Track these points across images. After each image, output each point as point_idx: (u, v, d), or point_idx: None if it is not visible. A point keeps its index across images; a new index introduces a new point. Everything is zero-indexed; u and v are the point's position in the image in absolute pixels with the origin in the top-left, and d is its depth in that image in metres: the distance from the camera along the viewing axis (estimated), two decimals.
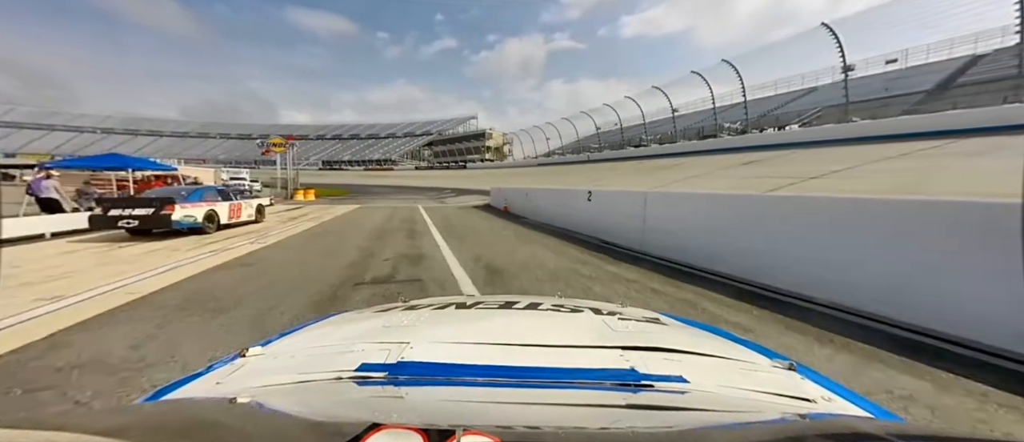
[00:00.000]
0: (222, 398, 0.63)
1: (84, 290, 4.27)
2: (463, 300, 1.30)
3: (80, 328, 3.18)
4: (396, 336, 0.86)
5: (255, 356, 0.85)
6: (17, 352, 2.71)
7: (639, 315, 1.13)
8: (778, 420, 0.57)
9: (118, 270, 5.30)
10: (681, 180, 14.54)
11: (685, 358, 0.79)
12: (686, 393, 0.66)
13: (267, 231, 9.69)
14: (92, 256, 6.43)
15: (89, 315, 3.47)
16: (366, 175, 62.77)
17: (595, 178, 20.82)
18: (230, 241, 8.04)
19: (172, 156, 65.09)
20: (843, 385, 0.77)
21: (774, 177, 10.85)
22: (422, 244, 7.71)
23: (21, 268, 5.36)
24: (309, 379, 0.70)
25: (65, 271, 5.24)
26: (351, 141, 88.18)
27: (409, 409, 0.61)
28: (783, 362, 0.81)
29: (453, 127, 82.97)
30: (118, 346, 2.80)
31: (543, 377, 0.69)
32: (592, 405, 0.61)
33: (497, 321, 1.08)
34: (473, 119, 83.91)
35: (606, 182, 17.50)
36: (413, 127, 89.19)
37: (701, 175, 15.15)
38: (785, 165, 13.58)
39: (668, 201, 6.94)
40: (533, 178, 28.83)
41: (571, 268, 5.75)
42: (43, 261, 5.93)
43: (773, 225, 4.47)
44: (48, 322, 3.28)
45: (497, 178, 32.09)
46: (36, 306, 3.67)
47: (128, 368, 2.48)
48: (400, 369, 0.71)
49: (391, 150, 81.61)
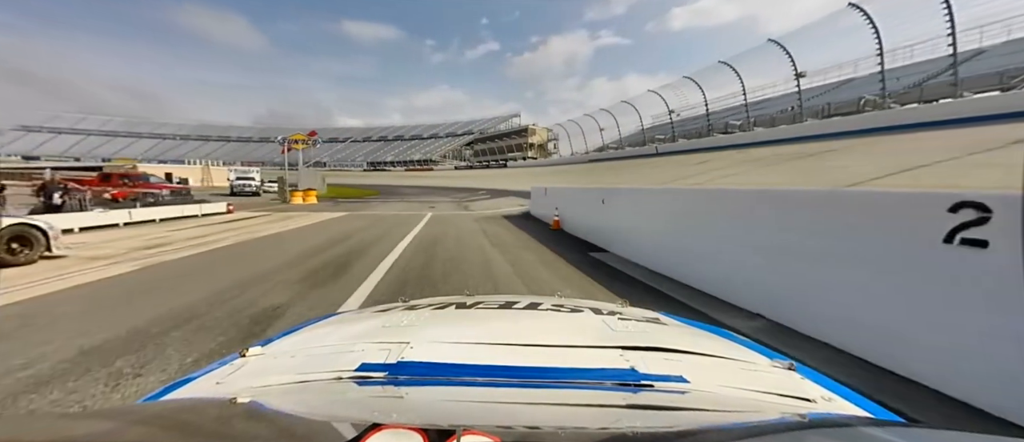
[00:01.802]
0: (222, 398, 0.62)
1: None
2: (463, 300, 1.25)
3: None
4: (396, 336, 0.84)
5: (255, 356, 0.82)
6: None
7: (639, 315, 1.10)
8: (778, 420, 0.56)
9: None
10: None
11: (685, 358, 0.77)
12: (686, 393, 0.64)
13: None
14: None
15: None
16: (404, 175, 60.90)
17: (694, 174, 13.99)
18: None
19: (237, 159, 67.47)
20: (843, 385, 0.74)
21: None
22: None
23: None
24: (309, 379, 0.69)
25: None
26: (395, 142, 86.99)
27: (409, 409, 0.59)
28: (783, 362, 0.80)
29: (495, 126, 78.40)
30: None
31: (543, 377, 0.68)
32: (592, 405, 0.60)
33: (497, 321, 1.05)
34: (515, 117, 78.76)
35: (718, 177, 10.74)
36: (455, 127, 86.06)
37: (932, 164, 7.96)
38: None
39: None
40: (588, 177, 22.38)
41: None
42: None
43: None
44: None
45: (541, 178, 26.06)
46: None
47: None
48: (400, 369, 0.69)
49: (432, 150, 78.84)
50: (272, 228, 9.43)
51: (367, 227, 9.73)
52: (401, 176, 59.45)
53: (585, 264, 5.73)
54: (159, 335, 2.96)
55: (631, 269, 5.24)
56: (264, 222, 10.62)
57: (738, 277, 3.62)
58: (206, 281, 4.60)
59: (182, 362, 2.54)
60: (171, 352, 2.69)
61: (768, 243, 3.33)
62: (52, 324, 3.23)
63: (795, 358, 0.82)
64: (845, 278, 2.61)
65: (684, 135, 31.26)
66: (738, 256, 3.64)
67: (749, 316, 3.32)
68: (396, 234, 8.56)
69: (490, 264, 5.65)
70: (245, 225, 9.99)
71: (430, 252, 6.37)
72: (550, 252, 6.62)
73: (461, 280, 4.77)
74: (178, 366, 2.49)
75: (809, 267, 2.90)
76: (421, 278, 4.82)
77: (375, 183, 44.22)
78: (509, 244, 7.31)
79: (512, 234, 8.65)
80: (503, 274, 5.10)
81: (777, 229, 3.28)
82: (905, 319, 2.25)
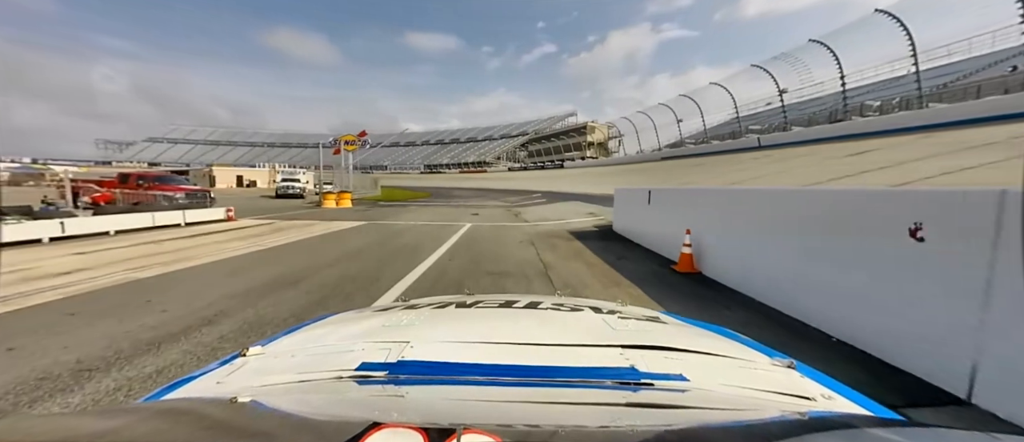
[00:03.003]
0: (222, 398, 0.60)
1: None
2: (463, 299, 1.22)
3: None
4: (396, 335, 0.82)
5: (255, 356, 0.80)
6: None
7: (639, 314, 1.08)
8: (778, 418, 0.55)
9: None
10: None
11: (685, 357, 0.76)
12: (686, 391, 0.63)
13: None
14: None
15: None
16: (458, 177, 59.27)
17: (863, 169, 8.78)
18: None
19: (312, 163, 71.82)
20: (844, 384, 0.71)
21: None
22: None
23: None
24: (309, 378, 0.67)
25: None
26: (451, 145, 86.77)
27: (409, 408, 0.59)
28: (783, 361, 0.78)
29: (550, 125, 74.07)
30: None
31: (543, 376, 0.66)
32: (592, 404, 0.59)
33: (497, 320, 1.02)
34: (571, 117, 73.55)
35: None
36: (509, 128, 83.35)
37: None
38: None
39: None
40: (681, 176, 17.41)
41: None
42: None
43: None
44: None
45: (605, 178, 21.40)
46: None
47: None
48: (400, 368, 0.68)
49: (486, 152, 76.74)
50: (236, 247, 6.40)
51: (365, 249, 6.27)
52: (455, 178, 58.10)
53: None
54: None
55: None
56: (246, 237, 7.72)
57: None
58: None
59: None
60: None
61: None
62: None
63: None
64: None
65: (800, 122, 24.17)
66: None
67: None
68: (398, 268, 4.93)
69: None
70: (209, 242, 7.12)
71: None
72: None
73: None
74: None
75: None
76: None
77: (428, 185, 43.00)
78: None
79: (602, 278, 4.53)
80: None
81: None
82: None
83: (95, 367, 2.35)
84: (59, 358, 2.46)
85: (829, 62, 23.45)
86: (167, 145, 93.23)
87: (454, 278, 4.59)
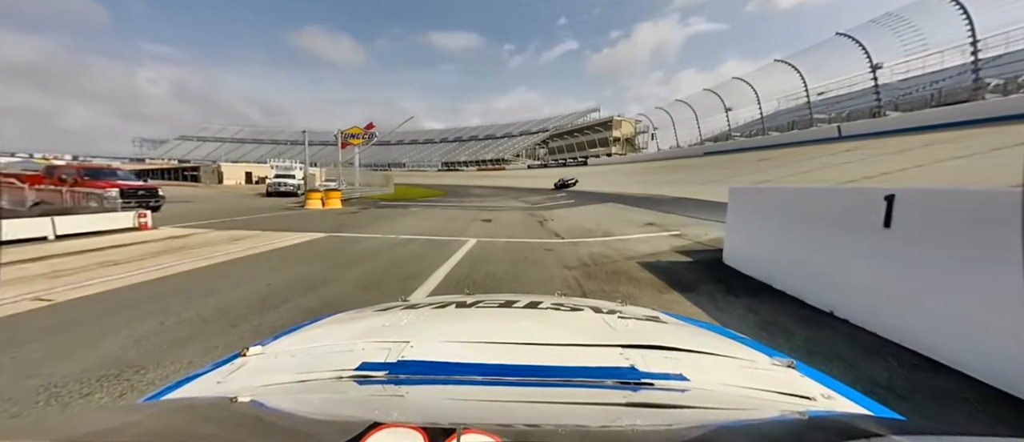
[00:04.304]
0: (222, 398, 0.60)
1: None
2: (463, 299, 1.19)
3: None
4: (396, 335, 0.81)
5: (255, 355, 0.78)
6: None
7: (639, 313, 1.06)
8: (778, 418, 0.55)
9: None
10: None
11: (685, 356, 0.74)
12: (686, 391, 0.63)
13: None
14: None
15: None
16: (475, 175, 56.47)
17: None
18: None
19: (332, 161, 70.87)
20: (844, 383, 0.70)
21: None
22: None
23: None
24: (309, 378, 0.66)
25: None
26: (470, 142, 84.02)
27: (409, 408, 0.58)
28: (783, 360, 0.76)
29: (572, 121, 69.93)
30: None
31: (543, 376, 0.66)
32: (592, 403, 0.59)
33: (497, 320, 1.00)
34: (594, 112, 69.12)
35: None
36: (528, 125, 79.75)
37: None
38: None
39: None
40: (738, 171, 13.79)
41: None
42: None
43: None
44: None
45: (635, 176, 17.76)
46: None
47: None
48: (400, 368, 0.67)
49: (505, 149, 73.47)
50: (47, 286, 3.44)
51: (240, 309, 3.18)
52: (472, 176, 55.46)
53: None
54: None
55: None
56: (73, 268, 4.77)
57: None
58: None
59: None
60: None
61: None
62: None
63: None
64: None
65: (883, 108, 19.48)
66: None
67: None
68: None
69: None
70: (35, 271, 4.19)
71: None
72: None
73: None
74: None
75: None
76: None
77: (443, 183, 40.49)
78: None
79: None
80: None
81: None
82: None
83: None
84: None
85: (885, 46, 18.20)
86: (197, 143, 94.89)
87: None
